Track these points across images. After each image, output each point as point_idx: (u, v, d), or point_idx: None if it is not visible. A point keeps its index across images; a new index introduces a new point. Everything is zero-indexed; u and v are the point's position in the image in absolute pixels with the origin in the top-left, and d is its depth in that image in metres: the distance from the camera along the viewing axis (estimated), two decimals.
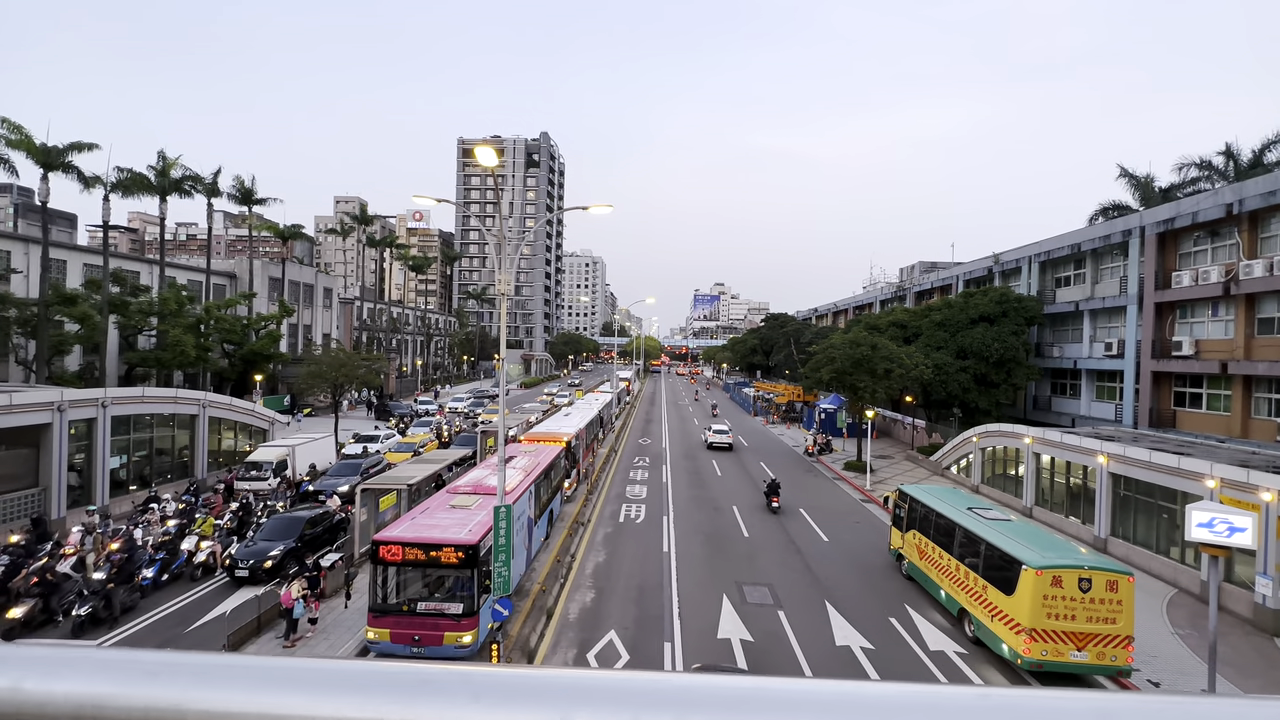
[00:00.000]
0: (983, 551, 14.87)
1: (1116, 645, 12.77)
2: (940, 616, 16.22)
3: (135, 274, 43.12)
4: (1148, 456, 18.83)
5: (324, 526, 18.69)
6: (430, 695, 0.56)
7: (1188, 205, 27.04)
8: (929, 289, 51.01)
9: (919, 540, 18.05)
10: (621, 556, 19.71)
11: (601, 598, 16.50)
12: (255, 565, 16.21)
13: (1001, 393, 34.51)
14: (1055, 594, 12.90)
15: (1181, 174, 37.97)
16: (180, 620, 14.60)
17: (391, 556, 12.80)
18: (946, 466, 32.33)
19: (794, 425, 52.89)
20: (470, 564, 12.73)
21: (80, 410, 20.39)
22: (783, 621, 15.41)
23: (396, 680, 0.58)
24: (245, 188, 49.61)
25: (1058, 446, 23.46)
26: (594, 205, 11.93)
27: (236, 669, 0.60)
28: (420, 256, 78.28)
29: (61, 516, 19.70)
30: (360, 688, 0.57)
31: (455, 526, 13.65)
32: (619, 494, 27.71)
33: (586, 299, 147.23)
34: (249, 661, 0.61)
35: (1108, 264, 32.76)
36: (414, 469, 20.05)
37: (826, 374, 32.58)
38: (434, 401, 57.15)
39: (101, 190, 36.01)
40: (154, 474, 23.91)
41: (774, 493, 25.68)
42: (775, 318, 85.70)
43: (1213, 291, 25.10)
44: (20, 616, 13.39)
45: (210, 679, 0.59)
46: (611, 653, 13.54)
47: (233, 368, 44.41)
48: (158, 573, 15.98)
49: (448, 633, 12.57)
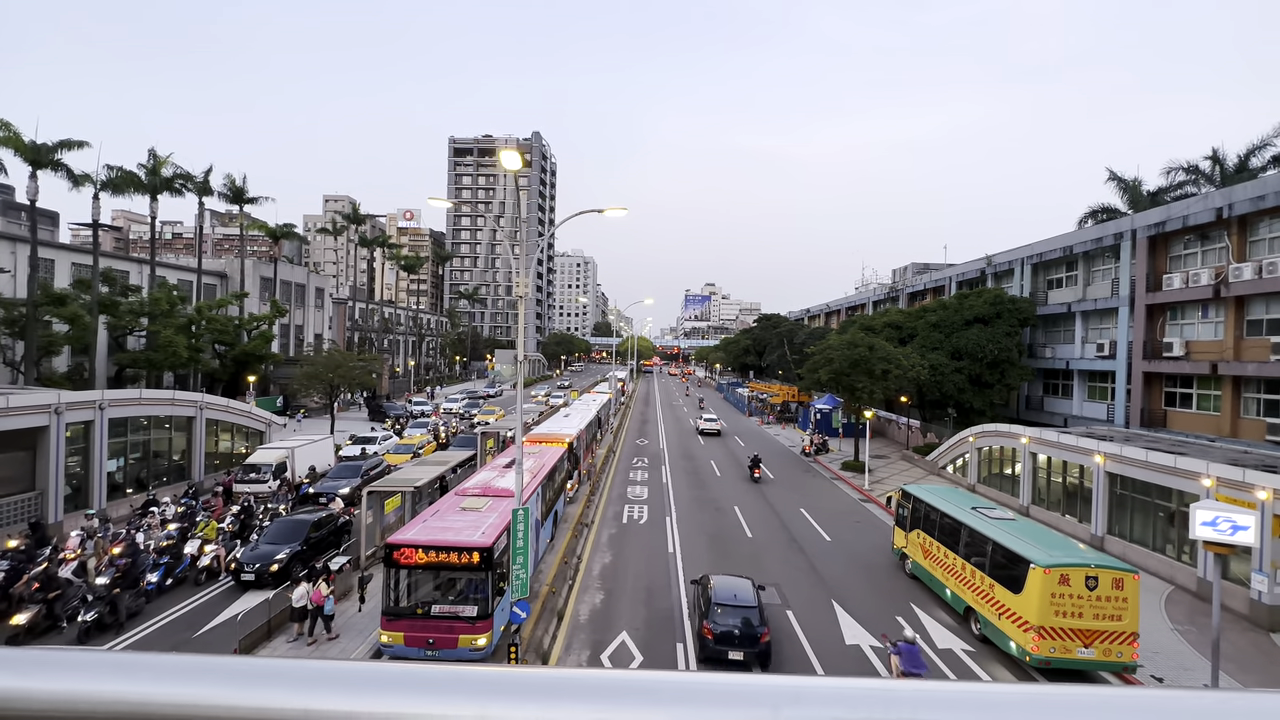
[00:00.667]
0: (989, 550, 15.09)
1: (1122, 642, 13.02)
2: (946, 615, 16.43)
3: (125, 273, 42.55)
4: (1144, 456, 19.20)
5: (328, 529, 18.55)
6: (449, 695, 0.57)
7: (1178, 209, 27.57)
8: (922, 290, 51.52)
9: (923, 540, 18.27)
10: (627, 557, 19.75)
11: (610, 599, 16.54)
12: (261, 569, 16.07)
13: (995, 393, 34.95)
14: (1063, 592, 13.13)
15: (1169, 178, 38.70)
16: (188, 625, 14.44)
17: (406, 559, 12.75)
18: (943, 466, 32.70)
19: (789, 425, 53.20)
20: (485, 566, 12.71)
21: (77, 412, 20.07)
22: (792, 621, 15.54)
23: (413, 680, 0.59)
24: (236, 186, 49.10)
25: (1054, 446, 23.83)
26: (609, 208, 11.93)
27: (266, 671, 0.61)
28: (412, 256, 77.69)
29: (59, 520, 19.39)
30: (373, 687, 0.58)
31: (468, 529, 13.62)
32: (620, 495, 27.74)
33: (585, 299, 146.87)
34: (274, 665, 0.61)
35: (1099, 266, 33.30)
36: (418, 471, 19.96)
37: (825, 375, 32.83)
38: (428, 402, 56.81)
39: (91, 189, 35.46)
40: (151, 477, 23.58)
41: (756, 465, 31.06)
42: (768, 318, 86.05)
43: (1203, 294, 25.60)
44: (24, 623, 13.18)
45: (238, 680, 0.60)
46: (625, 653, 13.59)
47: (224, 369, 43.90)
48: (162, 577, 15.78)
49: (463, 635, 12.54)
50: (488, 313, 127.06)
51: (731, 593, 13.74)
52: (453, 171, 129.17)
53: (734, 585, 14.14)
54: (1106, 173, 40.83)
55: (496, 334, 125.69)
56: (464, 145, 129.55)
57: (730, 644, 12.92)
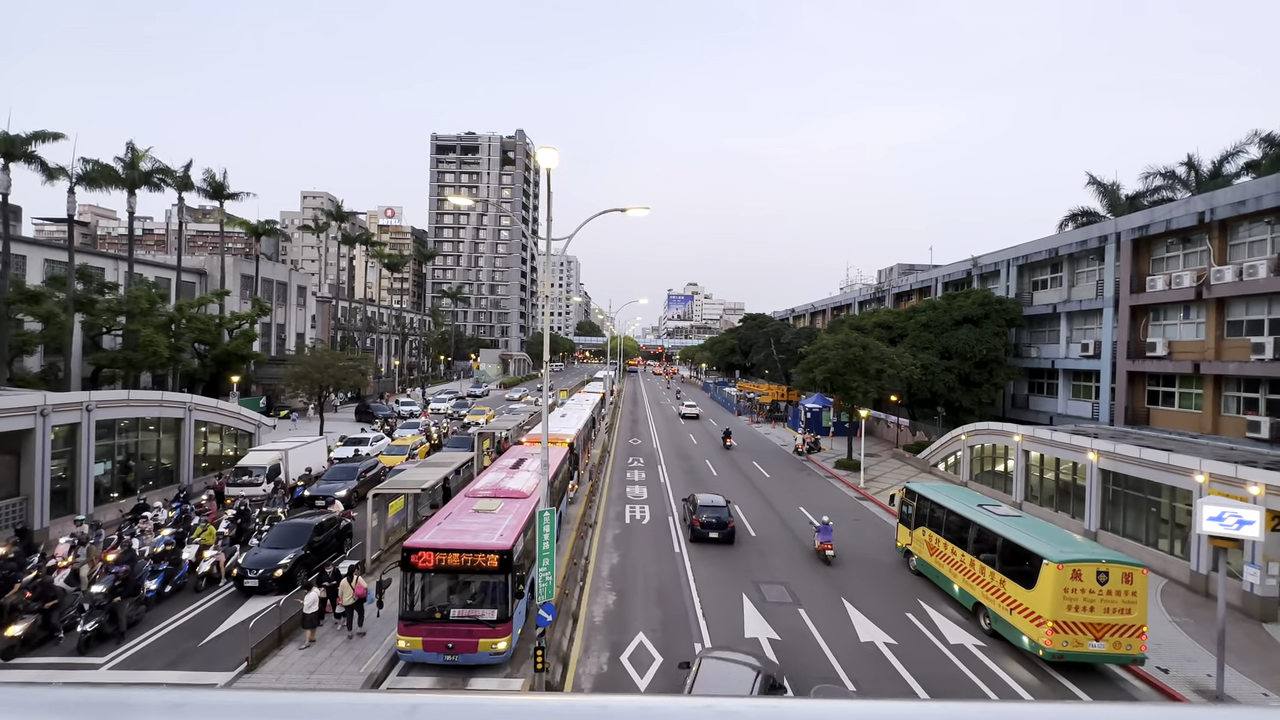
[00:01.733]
0: (999, 547, 15.37)
1: (1131, 635, 13.36)
2: (954, 610, 16.70)
3: (100, 270, 41.13)
4: (1138, 453, 19.74)
5: (331, 533, 18.14)
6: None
7: (1161, 213, 28.41)
8: (908, 290, 52.31)
9: (929, 537, 18.54)
10: (635, 558, 19.69)
11: (623, 600, 16.46)
12: (266, 574, 15.65)
13: (984, 392, 35.66)
14: (1075, 587, 13.44)
15: (1147, 183, 39.96)
16: (192, 633, 13.98)
17: (424, 563, 12.54)
18: (934, 464, 33.24)
19: (779, 424, 53.61)
20: (504, 569, 12.56)
21: (63, 414, 19.32)
22: (805, 619, 15.64)
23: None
24: (216, 182, 47.88)
25: (1047, 444, 24.38)
26: (631, 207, 11.81)
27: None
28: (396, 255, 76.48)
29: (44, 526, 18.65)
30: None
31: (485, 531, 13.45)
32: (620, 495, 27.66)
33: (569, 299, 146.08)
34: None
35: (1084, 268, 34.17)
36: (423, 473, 19.63)
37: (820, 374, 33.14)
38: (416, 403, 55.99)
39: (65, 182, 34.28)
40: (138, 481, 22.82)
41: (728, 436, 40.95)
42: (754, 318, 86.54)
43: (1185, 295, 26.43)
44: (20, 634, 12.64)
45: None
46: (644, 655, 13.53)
47: (205, 369, 42.70)
48: (161, 584, 15.28)
49: (482, 639, 12.37)
50: (470, 311, 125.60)
51: (710, 500, 22.36)
52: (435, 169, 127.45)
53: (711, 497, 22.74)
54: (1086, 177, 42.02)
55: (479, 333, 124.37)
56: (447, 143, 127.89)
57: (710, 529, 20.93)
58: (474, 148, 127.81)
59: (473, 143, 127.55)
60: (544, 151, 8.83)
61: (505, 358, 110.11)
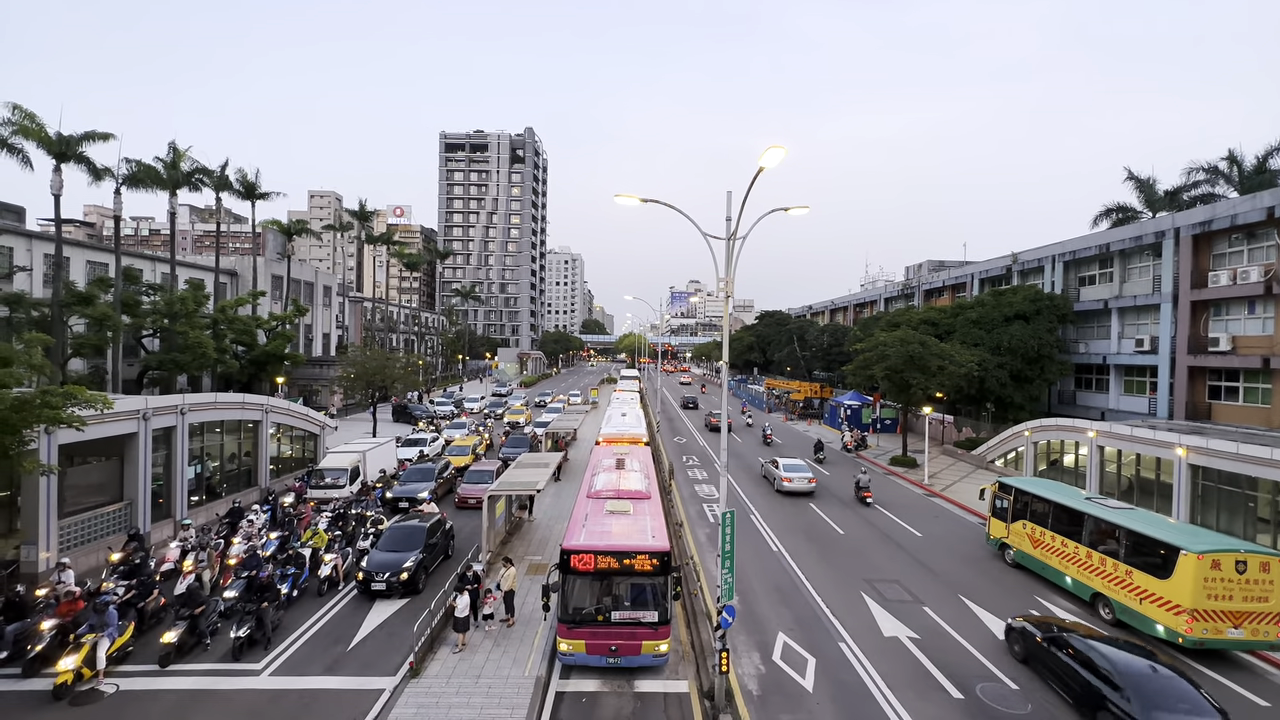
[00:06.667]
0: (1122, 538, 15.50)
1: (1270, 621, 13.56)
2: (1066, 601, 16.85)
3: (139, 272, 40.79)
4: (1235, 449, 19.87)
5: (440, 534, 18.06)
6: None
7: (1224, 208, 28.57)
8: (939, 287, 52.47)
9: (1031, 530, 18.65)
10: (738, 557, 19.66)
11: (745, 599, 16.46)
12: (392, 578, 15.56)
13: (1035, 388, 35.83)
14: (1214, 576, 13.61)
15: (1189, 177, 40.10)
16: (334, 638, 13.87)
17: (584, 566, 12.48)
18: (991, 460, 33.39)
19: (814, 422, 53.71)
20: (663, 570, 12.52)
21: (161, 418, 19.12)
22: (933, 617, 15.67)
23: None
24: (248, 182, 47.38)
25: (1126, 440, 24.51)
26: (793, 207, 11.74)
27: None
28: (415, 254, 76.14)
29: (147, 531, 18.47)
30: None
31: (636, 533, 13.41)
32: (691, 494, 27.65)
33: (574, 296, 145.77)
34: None
35: (1136, 263, 34.34)
36: (530, 474, 19.49)
37: (879, 371, 33.19)
38: (448, 402, 55.80)
39: (112, 182, 33.90)
40: (222, 483, 22.64)
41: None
42: (772, 314, 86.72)
43: (1253, 290, 26.60)
44: (175, 640, 12.52)
45: None
46: (796, 656, 13.52)
47: (243, 370, 42.40)
48: (290, 588, 15.18)
49: (645, 642, 12.34)
50: (481, 310, 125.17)
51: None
52: (444, 168, 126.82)
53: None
54: (1125, 173, 42.16)
55: (490, 332, 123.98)
56: (455, 141, 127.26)
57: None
58: (483, 146, 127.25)
59: (481, 141, 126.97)
60: (772, 151, 8.73)
61: (523, 356, 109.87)
